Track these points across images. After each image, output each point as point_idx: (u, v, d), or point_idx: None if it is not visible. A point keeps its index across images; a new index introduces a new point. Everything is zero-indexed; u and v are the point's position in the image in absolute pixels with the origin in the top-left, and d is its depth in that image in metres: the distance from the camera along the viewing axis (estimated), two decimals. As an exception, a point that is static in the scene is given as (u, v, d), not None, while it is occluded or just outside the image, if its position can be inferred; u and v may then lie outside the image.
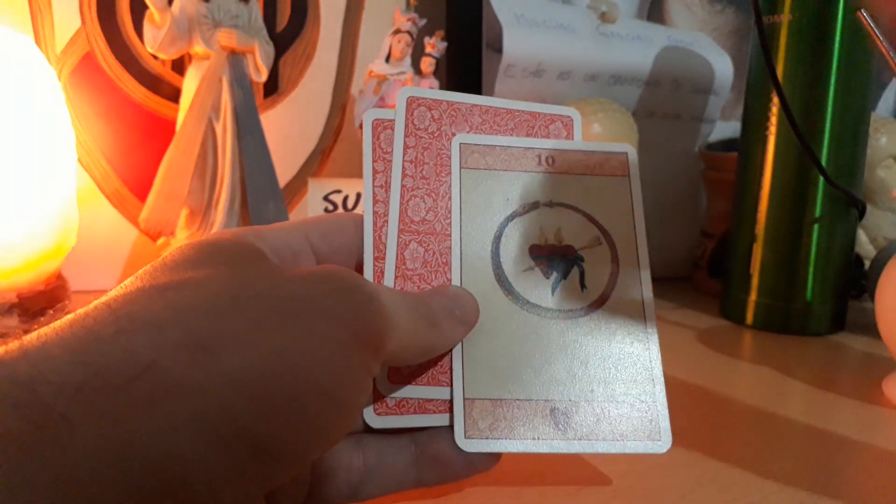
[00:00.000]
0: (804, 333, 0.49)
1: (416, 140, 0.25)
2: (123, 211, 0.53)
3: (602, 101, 0.51)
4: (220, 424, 0.14)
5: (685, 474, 0.27)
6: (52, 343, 0.14)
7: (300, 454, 0.16)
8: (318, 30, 0.59)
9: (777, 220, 0.49)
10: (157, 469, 0.13)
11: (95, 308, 0.15)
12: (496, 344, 0.23)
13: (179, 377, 0.13)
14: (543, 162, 0.26)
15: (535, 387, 0.22)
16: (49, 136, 0.41)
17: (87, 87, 0.51)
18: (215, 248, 0.18)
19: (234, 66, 0.48)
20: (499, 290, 0.24)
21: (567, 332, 0.23)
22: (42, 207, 0.40)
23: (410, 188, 0.24)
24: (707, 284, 0.61)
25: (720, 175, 0.61)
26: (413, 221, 0.24)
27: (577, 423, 0.22)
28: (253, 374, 0.14)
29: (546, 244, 0.25)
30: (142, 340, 0.14)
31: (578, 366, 0.23)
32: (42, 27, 0.50)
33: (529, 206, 0.25)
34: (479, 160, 0.25)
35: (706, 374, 0.40)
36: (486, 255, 0.24)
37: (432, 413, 0.22)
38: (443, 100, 0.25)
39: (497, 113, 0.26)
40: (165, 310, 0.15)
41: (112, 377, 0.13)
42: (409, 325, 0.19)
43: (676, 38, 0.63)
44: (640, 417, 0.22)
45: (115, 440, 0.12)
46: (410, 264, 0.24)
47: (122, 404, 0.13)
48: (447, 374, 0.23)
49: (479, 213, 0.25)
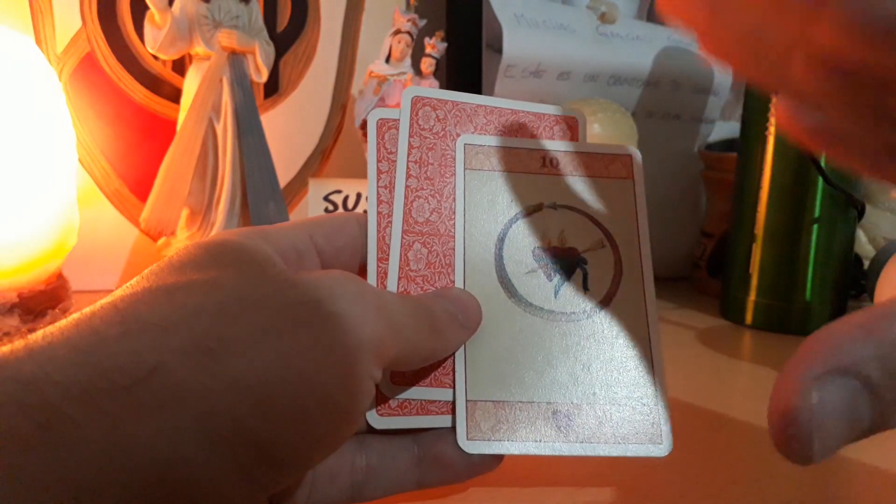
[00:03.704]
0: (804, 333, 0.49)
1: (420, 140, 0.25)
2: (124, 211, 0.53)
3: (602, 102, 0.51)
4: (224, 427, 0.14)
5: (684, 474, 0.27)
6: (57, 343, 0.14)
7: (304, 458, 0.16)
8: (319, 30, 0.59)
9: (777, 220, 0.50)
10: (162, 471, 0.13)
11: (102, 308, 0.15)
12: (499, 346, 0.23)
13: (185, 380, 0.14)
14: (548, 163, 0.26)
15: (537, 389, 0.22)
16: (50, 136, 0.41)
17: (87, 88, 0.51)
18: (222, 250, 0.18)
19: (234, 67, 0.48)
20: (502, 292, 0.24)
21: (570, 335, 0.23)
22: (43, 207, 0.40)
23: (415, 189, 0.24)
24: (707, 284, 0.62)
25: (720, 175, 0.61)
26: (417, 222, 0.24)
27: (579, 425, 0.22)
28: (258, 379, 0.14)
29: (549, 246, 0.25)
30: (148, 342, 0.14)
31: (581, 368, 0.23)
32: (43, 27, 0.50)
33: (533, 208, 0.25)
34: (484, 161, 0.25)
35: (706, 374, 0.40)
36: (490, 256, 0.24)
37: (435, 414, 0.22)
38: (448, 100, 0.25)
39: (502, 114, 0.26)
40: (172, 312, 0.15)
41: (118, 379, 0.13)
42: (412, 331, 0.19)
43: (676, 38, 0.63)
44: (641, 421, 0.22)
45: (121, 441, 0.12)
46: (414, 265, 0.23)
47: (128, 406, 0.13)
48: (450, 375, 0.23)
49: (482, 214, 0.25)
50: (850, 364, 0.12)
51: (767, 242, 0.50)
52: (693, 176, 0.66)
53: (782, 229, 0.49)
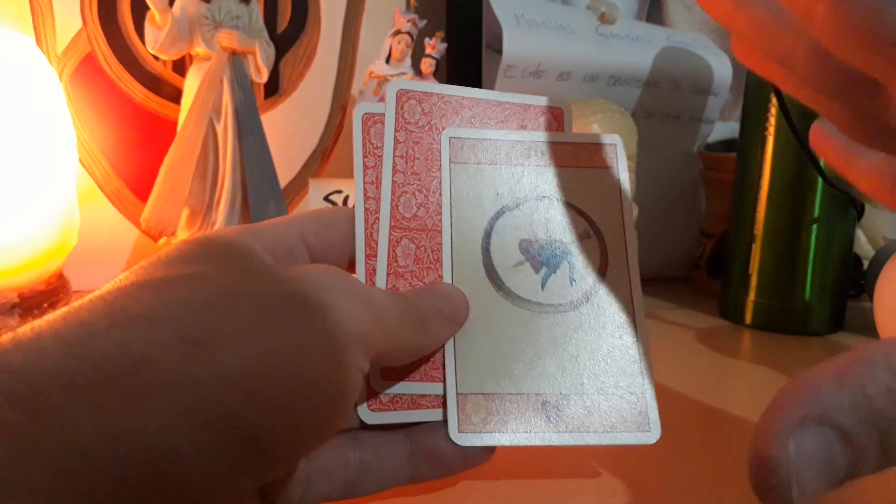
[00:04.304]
0: (803, 333, 0.49)
1: (406, 134, 0.25)
2: (124, 211, 0.54)
3: (601, 102, 0.51)
4: (214, 418, 0.14)
5: (683, 474, 0.27)
6: (45, 335, 0.14)
7: (293, 449, 0.16)
8: (319, 31, 0.59)
9: (776, 221, 0.50)
10: (151, 461, 0.13)
11: (90, 301, 0.15)
12: (488, 339, 0.23)
13: (173, 371, 0.14)
14: (533, 155, 0.26)
15: (526, 381, 0.23)
16: (50, 136, 0.41)
17: (88, 88, 0.51)
18: (211, 246, 0.18)
19: (234, 67, 0.48)
20: (490, 286, 0.24)
21: (557, 327, 0.24)
22: (43, 207, 0.40)
23: (401, 184, 0.24)
24: (706, 284, 0.62)
25: (719, 175, 0.61)
26: (404, 218, 0.24)
27: (569, 415, 0.22)
28: (247, 369, 0.14)
29: (536, 238, 0.25)
30: (135, 334, 0.14)
31: (569, 359, 0.23)
32: (43, 28, 0.50)
33: (519, 201, 0.25)
34: (469, 154, 0.25)
35: (705, 374, 0.40)
36: (477, 250, 0.24)
37: (426, 408, 0.22)
38: (433, 93, 0.25)
39: (488, 105, 0.26)
40: (160, 304, 0.15)
41: (106, 369, 0.13)
42: (398, 327, 0.20)
43: (675, 38, 0.63)
44: (629, 409, 0.23)
45: (110, 431, 0.12)
46: (402, 262, 0.23)
47: (116, 396, 0.13)
48: (440, 369, 0.23)
49: (469, 208, 0.25)
50: (825, 413, 0.13)
51: (767, 242, 0.50)
52: (693, 176, 0.66)
53: (782, 229, 0.50)
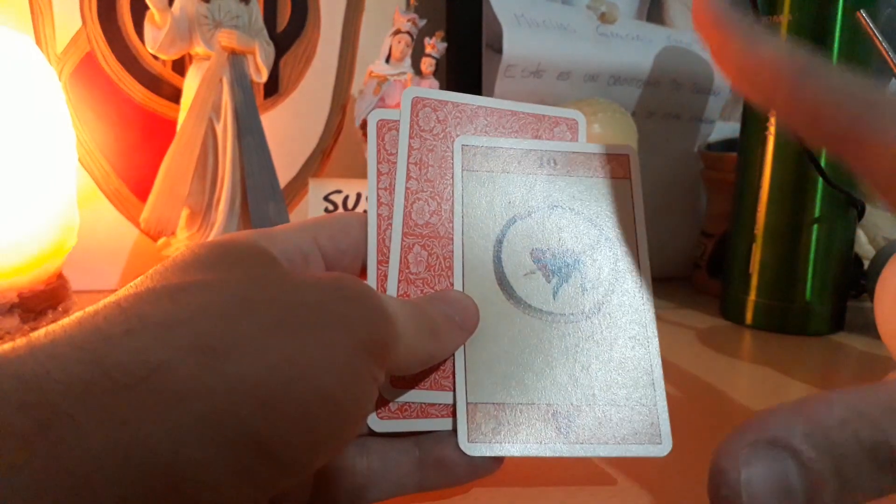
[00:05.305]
0: (803, 333, 0.49)
1: (420, 142, 0.25)
2: (124, 211, 0.53)
3: (602, 102, 0.51)
4: (228, 428, 0.14)
5: (684, 474, 0.27)
6: (60, 341, 0.14)
7: (306, 460, 0.16)
8: (319, 30, 0.59)
9: (776, 220, 0.50)
10: (164, 471, 0.13)
11: (105, 306, 0.15)
12: (498, 348, 0.23)
13: (188, 379, 0.13)
14: (545, 164, 0.26)
15: (536, 391, 0.23)
16: (49, 136, 0.41)
17: (87, 88, 0.51)
18: (227, 251, 0.18)
19: (234, 67, 0.48)
20: (501, 295, 0.24)
21: (568, 336, 0.23)
22: (43, 207, 0.40)
23: (415, 191, 0.24)
24: (707, 284, 0.62)
25: (720, 175, 0.61)
26: (417, 225, 0.24)
27: (579, 426, 0.22)
28: (262, 379, 0.14)
29: (548, 247, 0.25)
30: (151, 341, 0.14)
31: (580, 370, 0.23)
32: (42, 27, 0.50)
33: (531, 209, 0.25)
34: (482, 162, 0.25)
35: (706, 374, 0.40)
36: (489, 258, 0.24)
37: (435, 417, 0.22)
38: (448, 101, 0.25)
39: (502, 115, 0.26)
40: (176, 311, 0.15)
41: (120, 377, 0.13)
42: (412, 336, 0.19)
43: (676, 38, 0.63)
44: (640, 421, 0.22)
45: (122, 441, 0.12)
46: (414, 268, 0.23)
47: (130, 405, 0.13)
48: (450, 378, 0.23)
49: (481, 216, 0.25)
50: (779, 436, 0.13)
51: (767, 242, 0.50)
52: (693, 176, 0.66)
53: (782, 229, 0.49)
